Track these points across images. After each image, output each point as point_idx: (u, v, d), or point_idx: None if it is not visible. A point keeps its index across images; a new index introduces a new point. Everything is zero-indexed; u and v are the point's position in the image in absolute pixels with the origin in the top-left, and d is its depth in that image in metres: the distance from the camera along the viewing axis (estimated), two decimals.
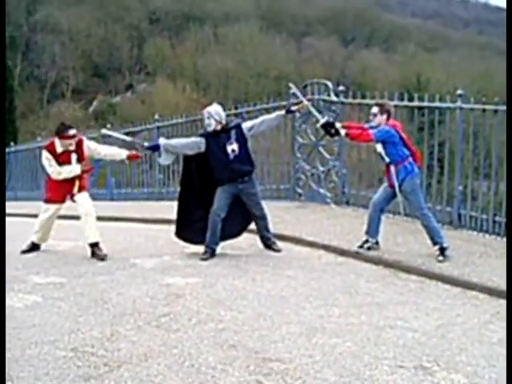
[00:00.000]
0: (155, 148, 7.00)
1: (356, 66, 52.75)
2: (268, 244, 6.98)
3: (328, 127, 6.35)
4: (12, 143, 19.21)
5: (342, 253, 6.74)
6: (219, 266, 6.32)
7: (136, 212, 10.09)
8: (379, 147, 6.26)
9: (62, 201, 7.12)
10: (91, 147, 7.21)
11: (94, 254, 6.86)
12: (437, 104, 7.89)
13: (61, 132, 6.98)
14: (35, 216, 9.97)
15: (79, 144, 7.06)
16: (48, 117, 43.50)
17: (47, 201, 7.18)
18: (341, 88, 9.45)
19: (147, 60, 52.49)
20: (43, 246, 7.21)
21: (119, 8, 54.03)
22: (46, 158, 7.01)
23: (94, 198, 13.53)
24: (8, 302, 5.08)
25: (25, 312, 4.84)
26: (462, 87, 8.03)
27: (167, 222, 8.62)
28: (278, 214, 8.87)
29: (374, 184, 8.88)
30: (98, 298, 5.20)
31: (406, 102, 8.30)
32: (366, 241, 6.63)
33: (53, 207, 7.10)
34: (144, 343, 4.13)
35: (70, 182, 7.01)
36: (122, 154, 7.31)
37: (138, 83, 51.18)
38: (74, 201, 7.11)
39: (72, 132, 6.96)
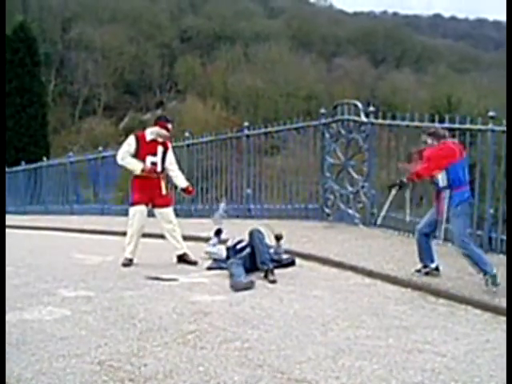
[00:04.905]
0: None
1: (386, 86, 52.71)
2: None
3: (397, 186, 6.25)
4: (44, 158, 19.52)
5: (370, 274, 6.67)
6: None
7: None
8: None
9: (146, 203, 7.19)
10: (171, 155, 7.39)
11: (180, 261, 7.29)
12: (468, 126, 7.83)
13: (161, 120, 7.28)
14: (65, 230, 10.09)
15: (166, 144, 7.28)
16: (79, 132, 44.30)
17: (133, 203, 7.24)
18: (371, 109, 9.44)
19: (178, 78, 53.25)
20: (73, 260, 7.26)
21: (151, 26, 54.96)
22: (128, 144, 7.14)
23: (116, 213, 13.75)
24: (37, 315, 5.14)
25: (53, 325, 4.87)
26: (494, 109, 7.94)
27: (194, 238, 8.65)
28: (305, 233, 8.86)
29: (404, 205, 8.80)
30: (125, 312, 5.22)
31: (436, 124, 8.25)
32: (424, 266, 6.34)
33: (139, 209, 7.16)
34: (170, 360, 4.13)
35: (151, 184, 7.14)
36: (182, 184, 7.57)
37: (168, 101, 51.88)
38: (154, 207, 7.22)
39: (169, 126, 7.24)
